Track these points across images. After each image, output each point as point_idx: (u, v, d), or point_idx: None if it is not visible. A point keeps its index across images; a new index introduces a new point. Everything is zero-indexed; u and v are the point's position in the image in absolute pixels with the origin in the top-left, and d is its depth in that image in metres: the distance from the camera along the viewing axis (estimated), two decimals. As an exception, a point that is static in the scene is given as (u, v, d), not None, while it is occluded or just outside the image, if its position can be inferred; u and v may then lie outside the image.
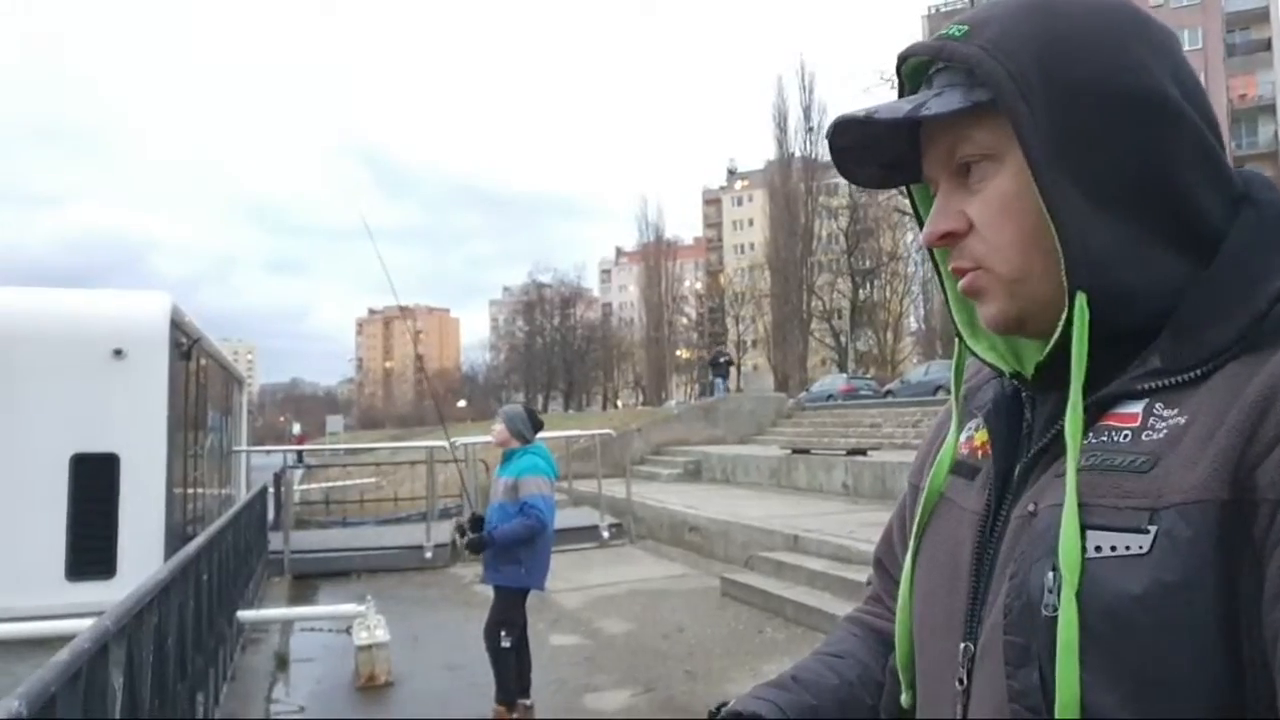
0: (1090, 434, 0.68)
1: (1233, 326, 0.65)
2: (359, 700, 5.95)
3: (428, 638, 7.33)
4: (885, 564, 1.00)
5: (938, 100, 0.72)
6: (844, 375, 36.46)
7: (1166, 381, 0.67)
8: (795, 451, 14.87)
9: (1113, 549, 0.62)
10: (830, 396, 27.38)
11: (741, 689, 0.92)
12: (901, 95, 0.78)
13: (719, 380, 26.38)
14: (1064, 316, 0.70)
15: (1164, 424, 0.65)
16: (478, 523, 5.30)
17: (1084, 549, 0.63)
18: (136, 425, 7.45)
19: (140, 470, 7.37)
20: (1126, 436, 0.67)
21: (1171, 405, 0.66)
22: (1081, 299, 0.68)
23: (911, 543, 0.84)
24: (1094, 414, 0.69)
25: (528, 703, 5.35)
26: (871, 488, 12.07)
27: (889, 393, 26.86)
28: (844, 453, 13.52)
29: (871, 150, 0.79)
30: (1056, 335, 0.71)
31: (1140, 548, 0.61)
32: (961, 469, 0.82)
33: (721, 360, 27.05)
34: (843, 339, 52.43)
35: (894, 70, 0.79)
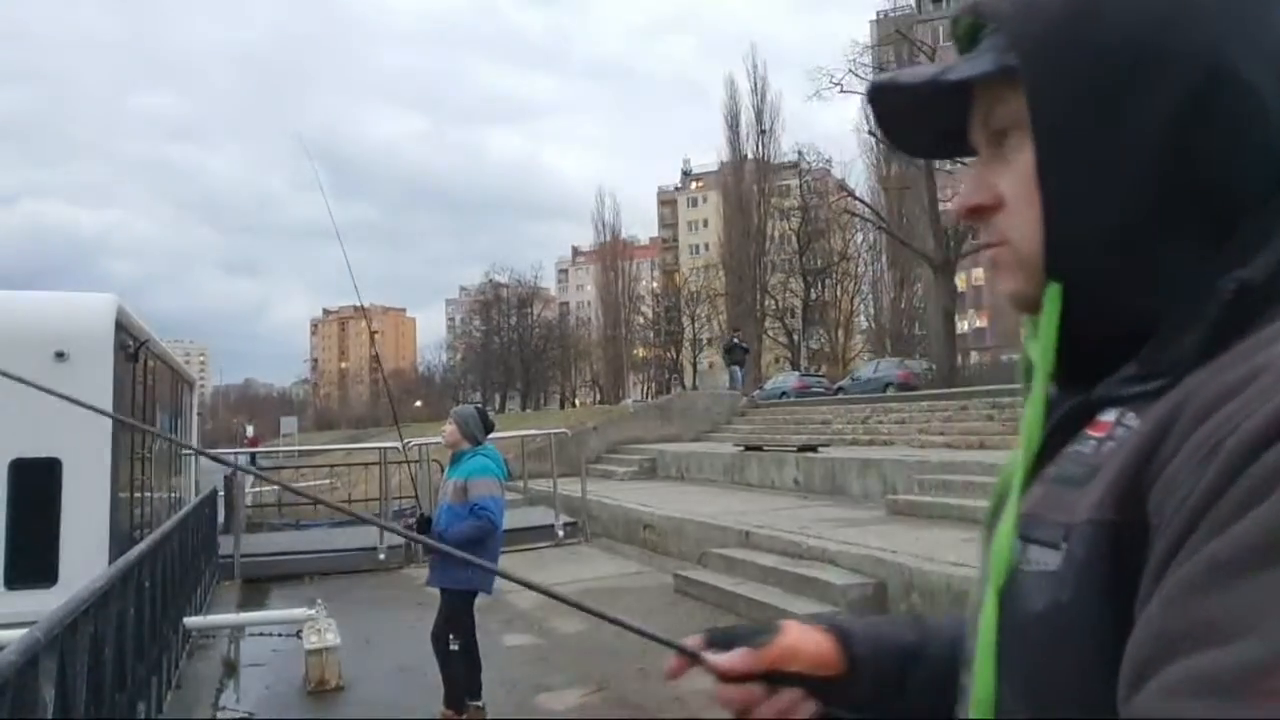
0: (1074, 441, 0.65)
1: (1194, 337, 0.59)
2: (309, 705, 5.90)
3: (380, 640, 7.29)
4: None
5: (967, 64, 0.66)
6: (797, 373, 36.98)
7: (1138, 390, 0.61)
8: (748, 449, 14.97)
9: (1038, 564, 0.61)
10: (783, 394, 27.66)
11: (694, 687, 0.94)
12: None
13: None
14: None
15: (1124, 435, 0.60)
16: (425, 524, 5.29)
17: (1021, 561, 0.62)
18: (80, 429, 7.27)
19: (83, 475, 7.24)
20: (1093, 446, 0.62)
21: (1140, 416, 0.59)
22: (1054, 290, 0.64)
23: None
24: (1083, 419, 0.65)
25: (479, 704, 5.35)
26: (822, 484, 12.22)
27: (840, 390, 27.22)
28: (795, 450, 13.65)
29: (921, 116, 0.73)
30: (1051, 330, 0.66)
31: (1053, 565, 0.60)
32: None
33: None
34: (795, 337, 52.89)
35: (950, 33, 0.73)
